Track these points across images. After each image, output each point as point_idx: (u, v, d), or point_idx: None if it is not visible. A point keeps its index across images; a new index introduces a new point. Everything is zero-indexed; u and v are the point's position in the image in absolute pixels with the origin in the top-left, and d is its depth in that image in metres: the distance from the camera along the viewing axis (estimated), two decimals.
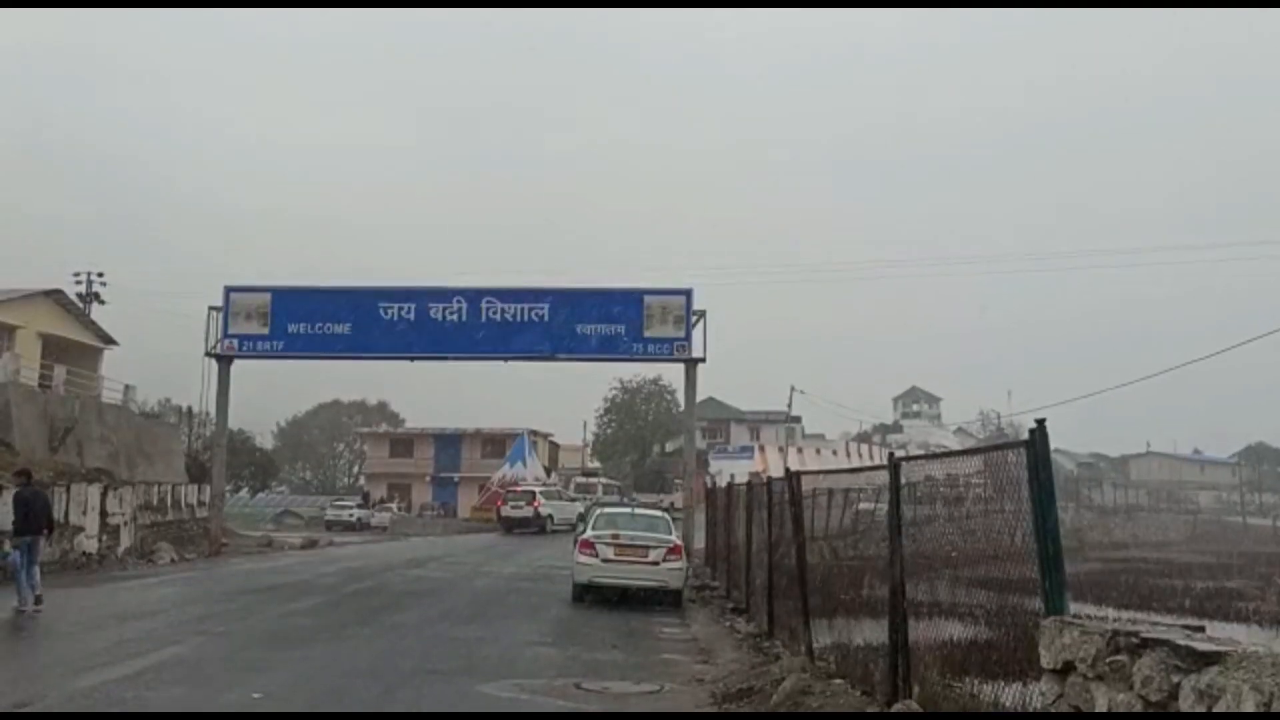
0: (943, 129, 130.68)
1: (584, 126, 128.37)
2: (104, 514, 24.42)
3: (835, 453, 74.87)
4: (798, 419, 74.03)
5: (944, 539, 8.13)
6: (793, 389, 65.64)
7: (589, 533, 18.23)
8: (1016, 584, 6.01)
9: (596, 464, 76.55)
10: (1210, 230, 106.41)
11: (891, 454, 8.44)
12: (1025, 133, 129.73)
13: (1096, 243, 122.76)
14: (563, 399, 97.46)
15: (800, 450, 69.72)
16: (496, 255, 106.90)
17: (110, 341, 40.34)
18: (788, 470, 12.19)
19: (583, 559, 17.64)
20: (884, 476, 8.24)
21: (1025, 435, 5.73)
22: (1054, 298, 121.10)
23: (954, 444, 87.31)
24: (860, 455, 77.53)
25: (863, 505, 15.13)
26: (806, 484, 12.06)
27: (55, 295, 38.20)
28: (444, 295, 32.28)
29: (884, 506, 9.33)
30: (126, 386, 38.85)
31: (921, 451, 71.62)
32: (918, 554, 7.91)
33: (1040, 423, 5.53)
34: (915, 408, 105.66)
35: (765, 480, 15.16)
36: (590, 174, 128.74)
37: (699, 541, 27.08)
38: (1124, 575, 28.87)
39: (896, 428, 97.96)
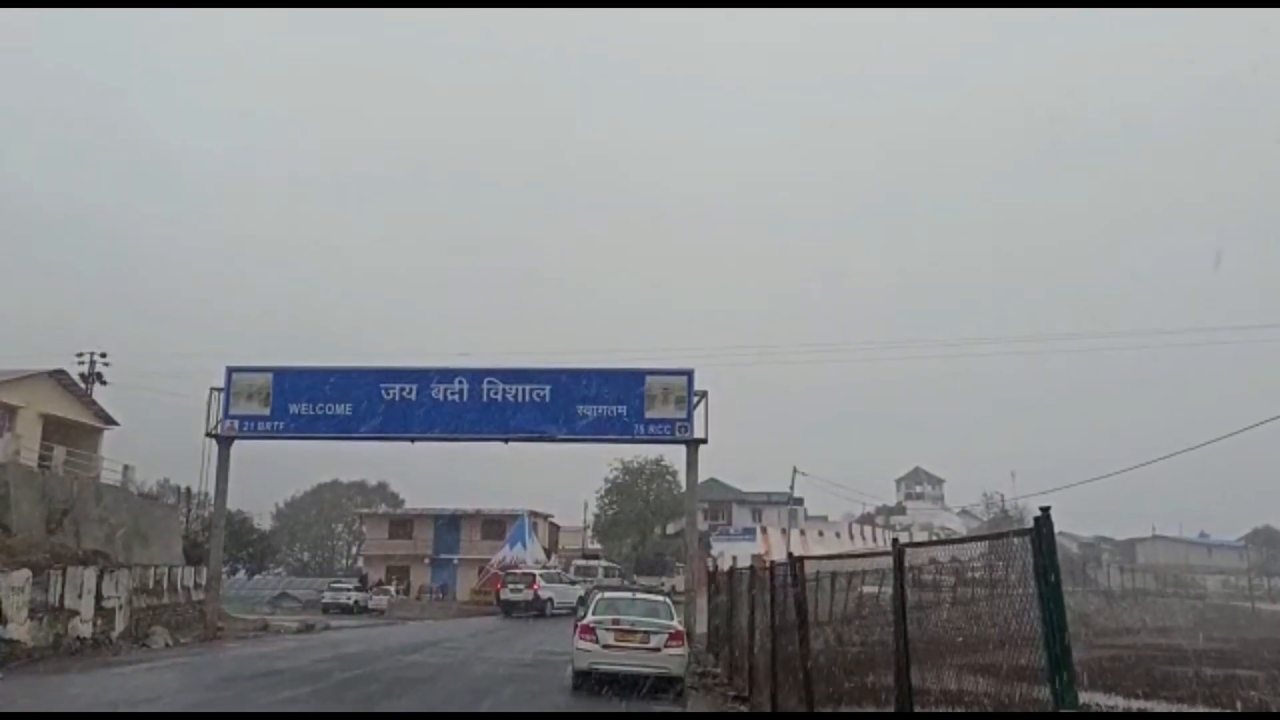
0: (938, 213, 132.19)
1: (584, 210, 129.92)
2: (99, 597, 24.14)
3: (838, 535, 74.31)
4: (800, 501, 73.56)
5: (950, 625, 8.02)
6: (795, 470, 65.37)
7: (589, 618, 17.98)
8: (1024, 671, 5.91)
9: (597, 546, 75.78)
10: (1219, 310, 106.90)
11: (895, 540, 8.36)
12: (1023, 216, 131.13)
13: (1104, 323, 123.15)
14: (563, 480, 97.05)
15: (803, 532, 69.21)
16: (495, 337, 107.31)
17: (111, 422, 40.33)
18: (790, 555, 12.07)
19: (583, 645, 17.38)
20: (888, 560, 8.15)
21: (1029, 519, 5.69)
22: (1059, 378, 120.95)
23: (958, 526, 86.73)
24: (864, 537, 76.93)
25: (867, 589, 14.96)
26: (809, 567, 11.93)
27: (58, 375, 38.31)
28: (445, 376, 32.37)
29: (888, 590, 9.24)
30: (125, 467, 38.74)
31: (925, 534, 71.32)
32: (923, 639, 7.80)
33: (1045, 510, 5.49)
34: (918, 489, 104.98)
35: (768, 564, 15.01)
36: (591, 257, 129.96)
37: (701, 625, 26.70)
38: (1132, 662, 28.42)
39: (900, 509, 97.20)
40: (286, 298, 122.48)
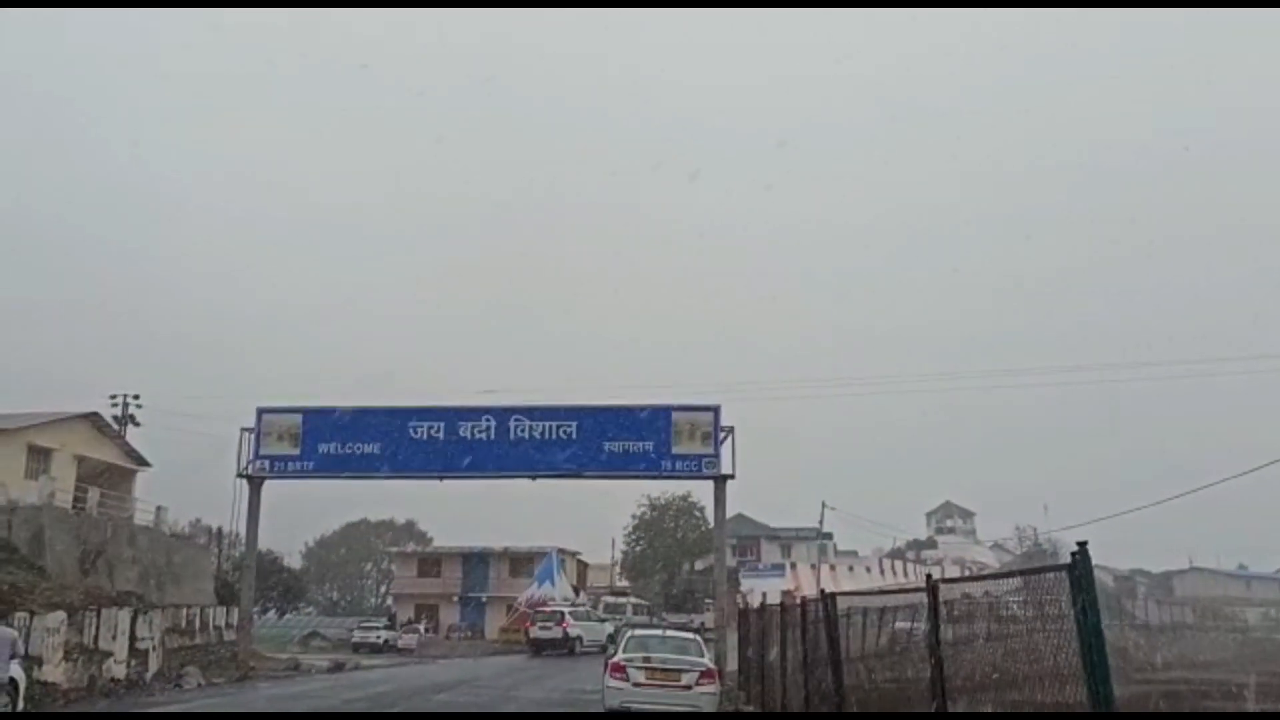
0: (963, 244, 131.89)
1: (611, 243, 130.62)
2: (133, 638, 24.30)
3: (869, 570, 73.61)
4: (829, 536, 72.96)
5: (984, 660, 7.96)
6: (824, 505, 64.88)
7: (619, 656, 17.91)
8: (1062, 707, 5.87)
9: (625, 583, 75.41)
10: (1255, 342, 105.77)
11: (929, 575, 8.32)
12: (1056, 241, 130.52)
13: (1145, 354, 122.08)
14: (591, 517, 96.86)
15: (833, 568, 68.62)
16: (523, 375, 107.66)
17: (143, 463, 40.71)
18: (822, 591, 12.02)
19: (613, 683, 17.30)
20: (920, 596, 8.13)
21: (1063, 552, 5.68)
22: (1090, 409, 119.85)
23: (990, 560, 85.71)
24: (894, 572, 76.15)
25: (899, 624, 14.84)
26: (840, 603, 11.88)
27: (91, 418, 38.74)
28: (473, 414, 32.55)
29: (920, 626, 9.17)
30: (158, 508, 39.04)
31: (957, 568, 70.61)
32: (959, 676, 7.75)
33: (1083, 545, 5.48)
34: (949, 523, 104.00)
35: (799, 600, 14.94)
36: (617, 290, 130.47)
37: (731, 663, 26.50)
38: (1173, 698, 27.90)
39: (930, 544, 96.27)
40: (316, 338, 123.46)
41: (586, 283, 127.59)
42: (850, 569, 71.64)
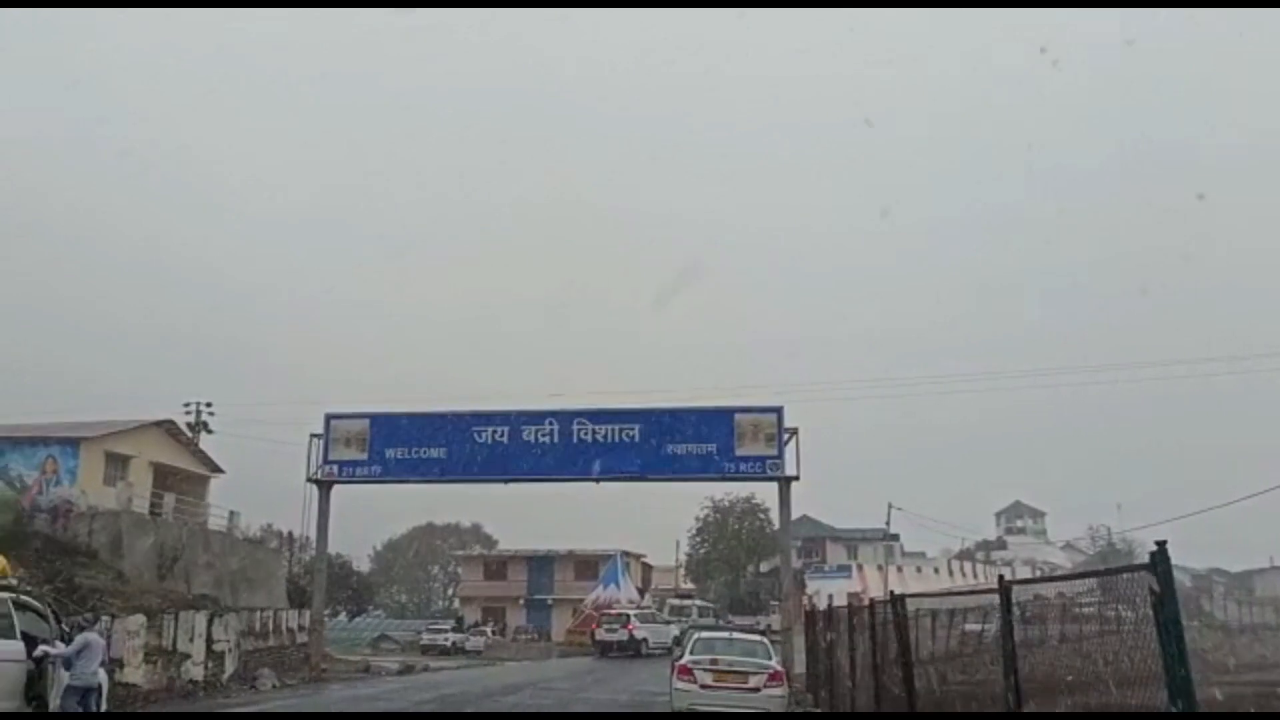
0: (1030, 241, 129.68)
1: (675, 246, 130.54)
2: (210, 641, 24.84)
3: (936, 571, 72.72)
4: (896, 537, 72.22)
5: (1058, 662, 7.85)
6: (890, 506, 64.26)
7: (686, 658, 17.93)
8: (1142, 710, 5.77)
9: (690, 585, 75.32)
10: None
11: (1001, 577, 8.22)
12: (1126, 235, 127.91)
13: (1206, 351, 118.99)
14: (655, 519, 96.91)
15: (900, 569, 67.89)
16: (585, 377, 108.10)
17: (217, 469, 41.59)
18: (892, 593, 11.92)
19: (681, 685, 17.33)
20: (991, 597, 8.03)
21: (1138, 552, 5.59)
22: (1165, 405, 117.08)
23: (1062, 561, 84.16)
24: (963, 574, 75.08)
25: (969, 626, 14.65)
26: (909, 605, 11.78)
27: (166, 425, 39.67)
28: (536, 418, 32.77)
29: (991, 628, 9.07)
30: (231, 513, 39.87)
31: (1028, 569, 69.49)
32: (1032, 678, 7.65)
33: (1161, 545, 5.38)
34: (1019, 523, 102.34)
35: (867, 602, 14.83)
36: (679, 292, 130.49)
37: (799, 665, 26.37)
38: (1257, 701, 27.16)
39: (1000, 544, 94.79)
40: (383, 344, 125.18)
41: (648, 285, 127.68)
42: (918, 570, 70.83)
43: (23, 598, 15.04)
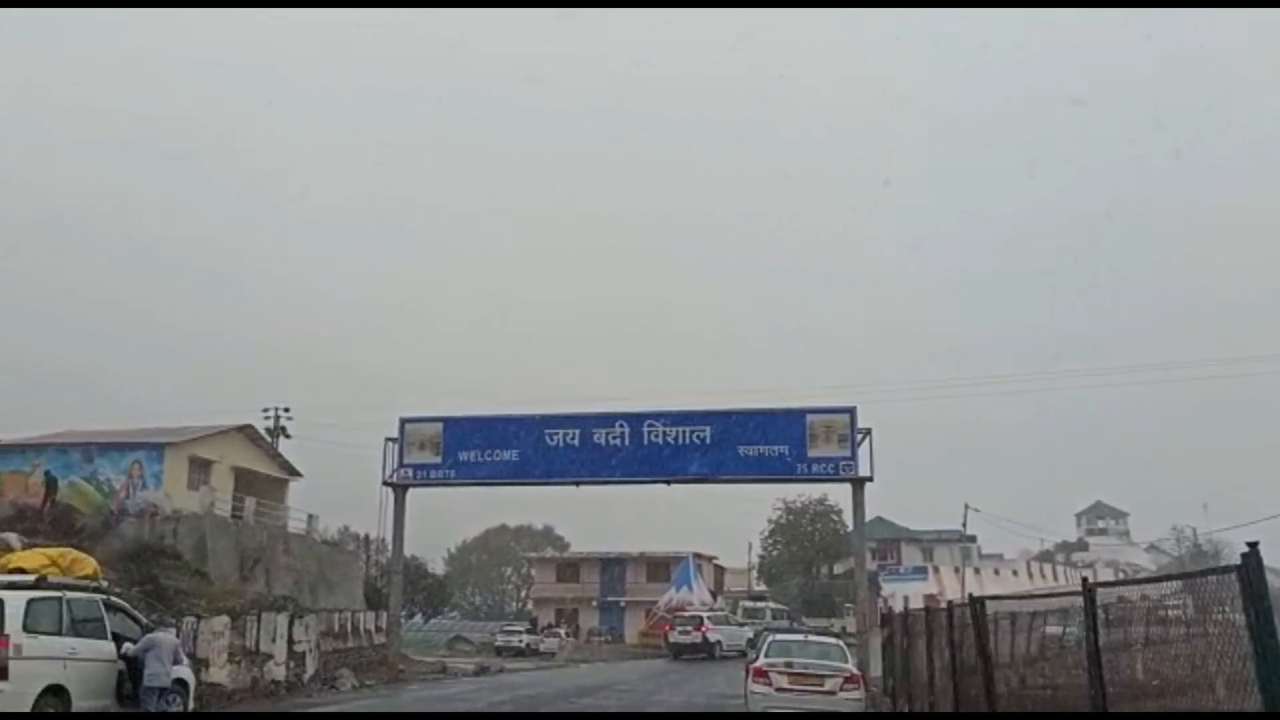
0: (1111, 240, 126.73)
1: (742, 248, 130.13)
2: (291, 641, 25.29)
3: (1015, 573, 71.53)
4: (973, 538, 71.11)
5: (1142, 666, 7.69)
6: (967, 507, 63.26)
7: (762, 661, 17.84)
8: (1231, 712, 5.63)
9: (763, 587, 75.00)
10: None
11: (1085, 579, 8.06)
12: (1211, 234, 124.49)
13: None
14: (727, 520, 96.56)
15: (977, 571, 66.90)
16: (654, 378, 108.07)
17: (295, 473, 42.45)
18: (970, 595, 11.74)
19: (756, 688, 17.26)
20: (1072, 599, 7.88)
21: (1225, 553, 5.44)
22: (1253, 402, 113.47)
23: (1145, 563, 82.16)
24: (1043, 575, 73.77)
25: (1049, 629, 14.36)
26: (987, 607, 11.60)
27: (246, 430, 40.58)
28: (607, 421, 32.89)
29: (1073, 631, 8.89)
30: (310, 516, 40.64)
31: (1110, 571, 67.91)
32: (1116, 682, 7.49)
33: (1253, 546, 5.23)
34: (1100, 524, 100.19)
35: (945, 604, 14.63)
36: (749, 293, 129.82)
37: (875, 668, 26.10)
38: None
39: (1081, 546, 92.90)
40: (454, 348, 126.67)
41: (717, 288, 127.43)
42: (996, 572, 69.69)
43: (113, 599, 15.52)
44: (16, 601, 12.90)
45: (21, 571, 14.37)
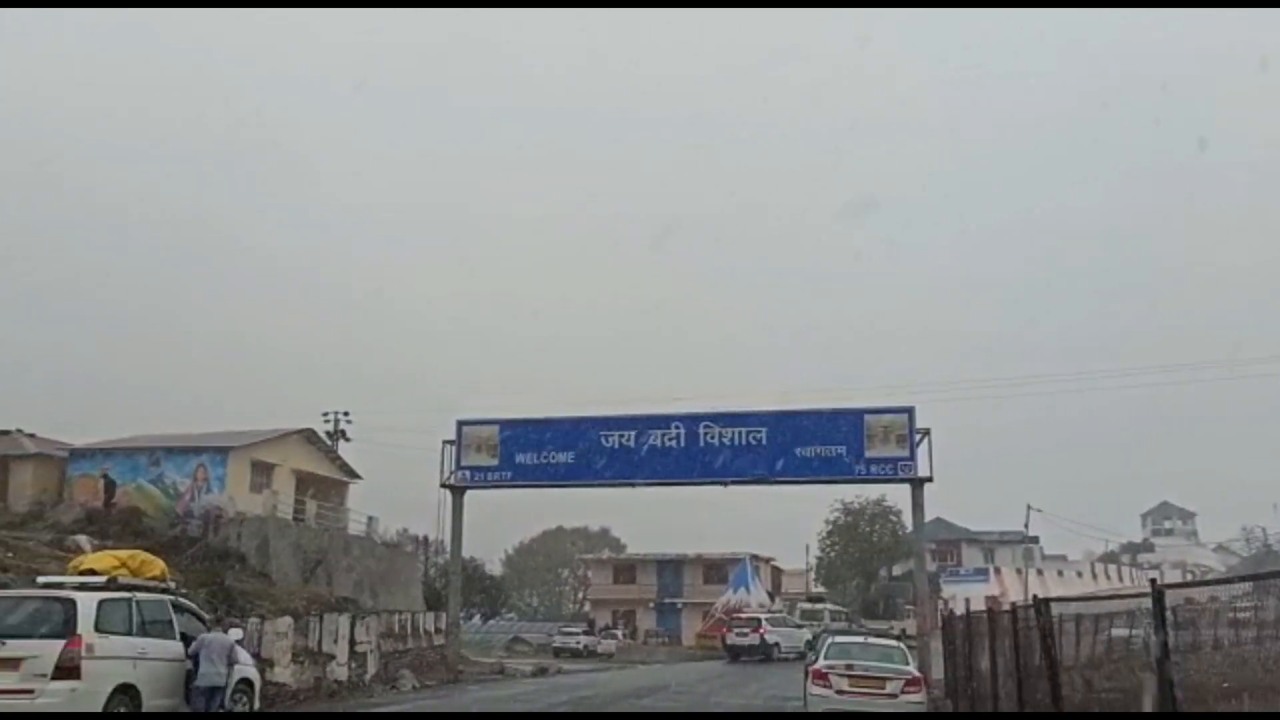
0: (1169, 235, 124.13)
1: (801, 249, 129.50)
2: (352, 642, 25.61)
3: (1079, 575, 70.37)
4: (1035, 539, 70.07)
5: (1212, 668, 7.53)
6: (1029, 507, 62.35)
7: (821, 663, 17.73)
8: None
9: (821, 588, 74.52)
10: None
11: (1154, 581, 7.90)
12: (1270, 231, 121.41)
13: None
14: (783, 521, 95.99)
15: (1040, 572, 65.92)
16: (707, 379, 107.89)
17: (355, 476, 43.00)
18: (1035, 597, 11.55)
19: (816, 690, 17.15)
20: (1138, 601, 7.74)
21: None
22: None
23: (1214, 564, 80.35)
24: (1107, 577, 72.45)
25: (1115, 631, 14.09)
26: (1051, 609, 11.40)
27: (306, 434, 41.18)
28: (662, 422, 32.90)
29: (1140, 633, 8.71)
30: (370, 518, 41.16)
31: (1177, 572, 66.54)
32: (1186, 686, 7.33)
33: None
34: (1167, 524, 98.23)
35: (1010, 606, 14.42)
36: (803, 293, 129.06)
37: (936, 671, 25.81)
38: None
39: (1147, 547, 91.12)
40: (509, 350, 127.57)
41: (771, 288, 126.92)
42: (1060, 574, 68.58)
43: (180, 600, 15.82)
44: (88, 602, 13.19)
45: (93, 573, 14.67)
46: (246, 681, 15.80)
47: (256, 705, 16.61)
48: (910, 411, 31.25)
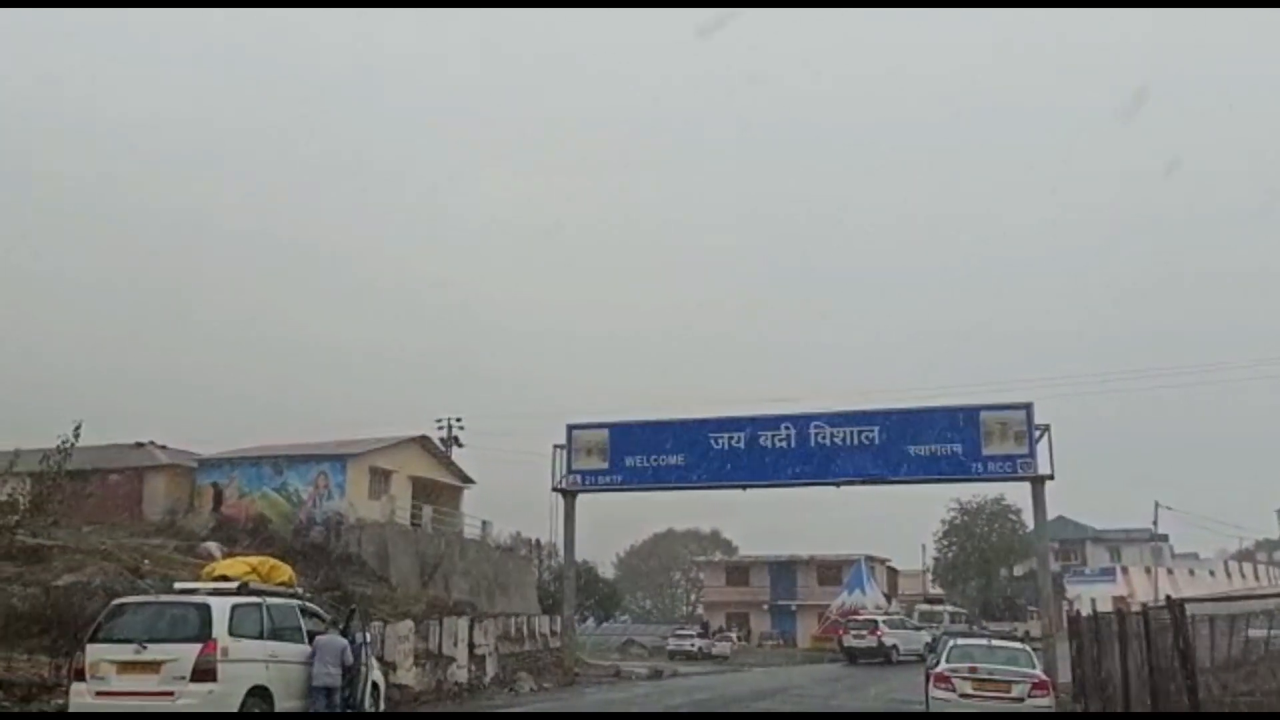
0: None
1: (907, 245, 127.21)
2: (471, 645, 26.08)
3: (1212, 573, 67.45)
4: (1164, 537, 67.45)
5: None
6: (1158, 505, 60.07)
7: (943, 666, 17.40)
8: None
9: (938, 590, 73.08)
10: None
11: None
12: None
13: None
14: (898, 522, 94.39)
15: (1170, 571, 63.42)
16: (818, 381, 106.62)
17: (468, 481, 43.79)
18: (1168, 598, 11.13)
19: (939, 693, 16.84)
20: (1278, 600, 7.37)
21: None
22: None
23: None
24: (1242, 576, 69.29)
25: (1253, 632, 13.50)
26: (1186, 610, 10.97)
27: (421, 441, 42.10)
28: (772, 423, 32.63)
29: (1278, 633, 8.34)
30: (484, 523, 41.88)
31: None
32: None
33: None
34: None
35: (1141, 606, 13.93)
36: (910, 291, 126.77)
37: (1063, 674, 25.08)
38: None
39: None
40: (618, 353, 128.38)
41: (880, 286, 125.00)
42: (1191, 573, 65.85)
43: (307, 604, 16.32)
44: (222, 607, 13.68)
45: (225, 579, 15.20)
46: (373, 685, 16.25)
47: (382, 706, 17.06)
48: (1028, 408, 30.38)
